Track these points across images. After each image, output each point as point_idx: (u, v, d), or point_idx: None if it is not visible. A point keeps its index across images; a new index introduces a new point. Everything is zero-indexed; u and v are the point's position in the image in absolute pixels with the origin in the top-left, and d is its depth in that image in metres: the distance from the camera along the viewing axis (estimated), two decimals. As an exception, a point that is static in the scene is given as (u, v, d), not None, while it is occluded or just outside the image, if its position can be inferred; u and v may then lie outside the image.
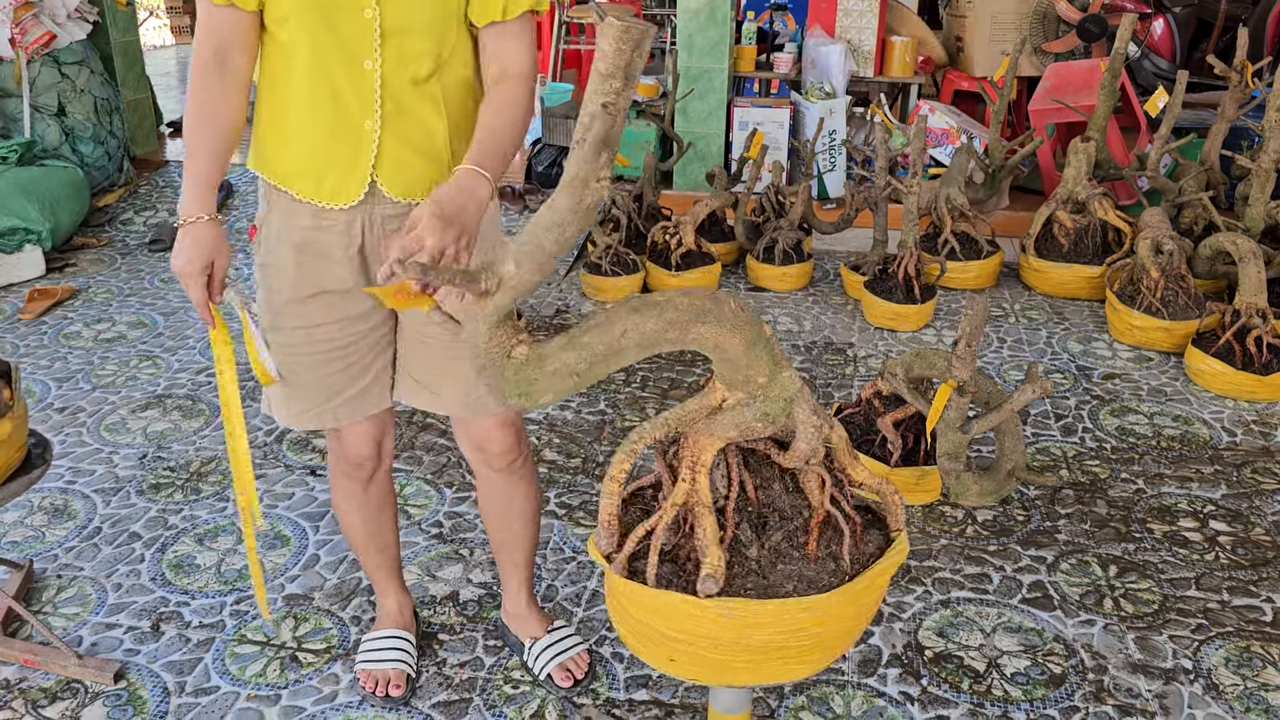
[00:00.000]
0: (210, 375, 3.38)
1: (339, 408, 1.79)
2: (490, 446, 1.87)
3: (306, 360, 1.74)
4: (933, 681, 2.09)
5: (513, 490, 1.95)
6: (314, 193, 1.63)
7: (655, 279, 4.10)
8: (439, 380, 1.79)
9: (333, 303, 1.70)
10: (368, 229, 1.66)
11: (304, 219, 1.66)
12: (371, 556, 2.06)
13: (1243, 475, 2.88)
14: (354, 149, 1.62)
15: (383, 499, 2.00)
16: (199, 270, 1.61)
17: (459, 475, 2.80)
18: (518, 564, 2.05)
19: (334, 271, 1.68)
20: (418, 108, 1.62)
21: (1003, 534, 2.58)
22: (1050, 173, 4.88)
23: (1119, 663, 2.16)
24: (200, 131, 1.59)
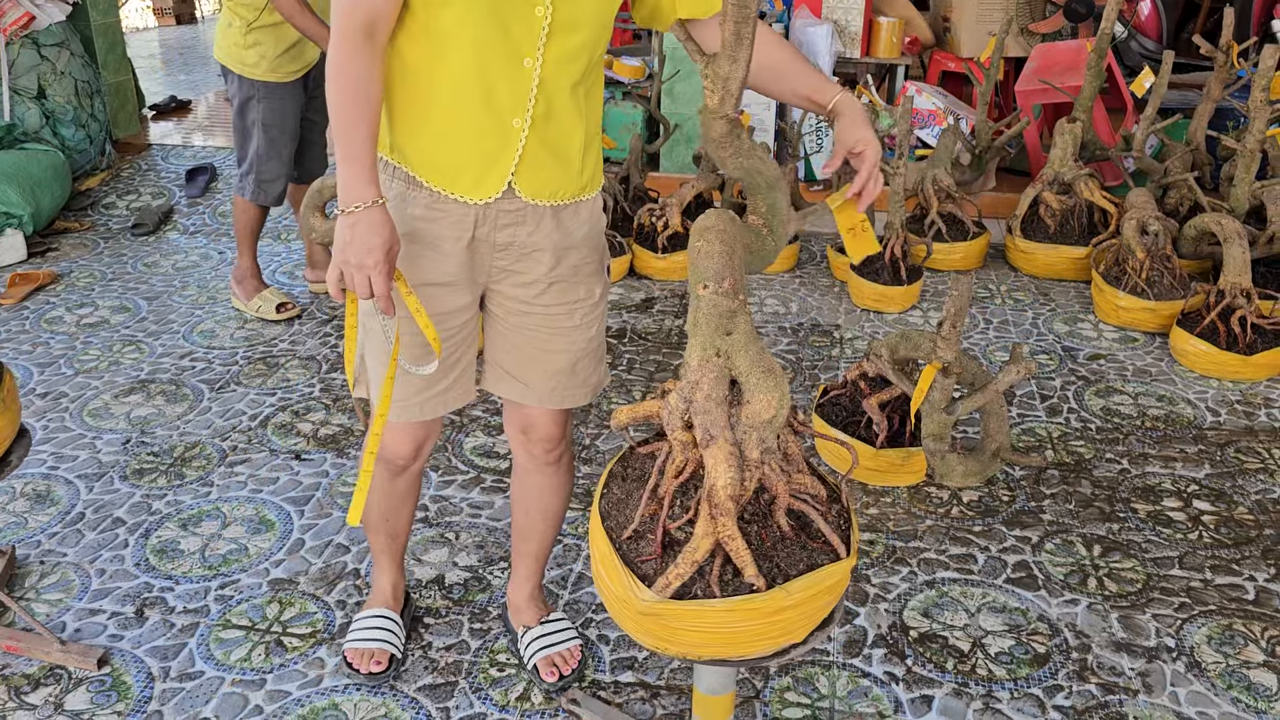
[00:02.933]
0: (194, 360, 3.36)
1: (426, 401, 1.77)
2: (536, 433, 1.86)
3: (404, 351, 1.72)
4: (918, 661, 2.10)
5: (545, 482, 1.94)
6: (451, 185, 1.59)
7: (642, 261, 4.09)
8: (530, 371, 1.78)
9: (433, 295, 1.66)
10: (481, 222, 1.63)
11: (417, 207, 1.61)
12: (380, 538, 2.05)
13: (1226, 455, 2.90)
14: (499, 147, 1.57)
15: (407, 492, 1.99)
16: (383, 260, 1.50)
17: (445, 459, 2.79)
18: (529, 554, 2.04)
19: (440, 263, 1.65)
20: (565, 111, 1.59)
21: (988, 514, 2.59)
22: (1037, 154, 4.88)
23: (1102, 641, 2.17)
24: (355, 108, 1.48)
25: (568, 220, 1.68)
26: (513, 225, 1.64)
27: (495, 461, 2.77)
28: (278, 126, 3.44)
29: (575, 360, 1.77)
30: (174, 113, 6.45)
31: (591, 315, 1.76)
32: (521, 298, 1.72)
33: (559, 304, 1.72)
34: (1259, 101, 3.66)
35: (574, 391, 1.80)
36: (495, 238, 1.65)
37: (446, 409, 1.80)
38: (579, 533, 2.48)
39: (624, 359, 3.41)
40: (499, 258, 1.68)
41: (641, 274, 4.13)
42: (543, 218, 1.65)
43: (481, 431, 2.91)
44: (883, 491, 2.68)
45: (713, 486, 1.28)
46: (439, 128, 1.58)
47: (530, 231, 1.65)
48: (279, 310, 3.61)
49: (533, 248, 1.67)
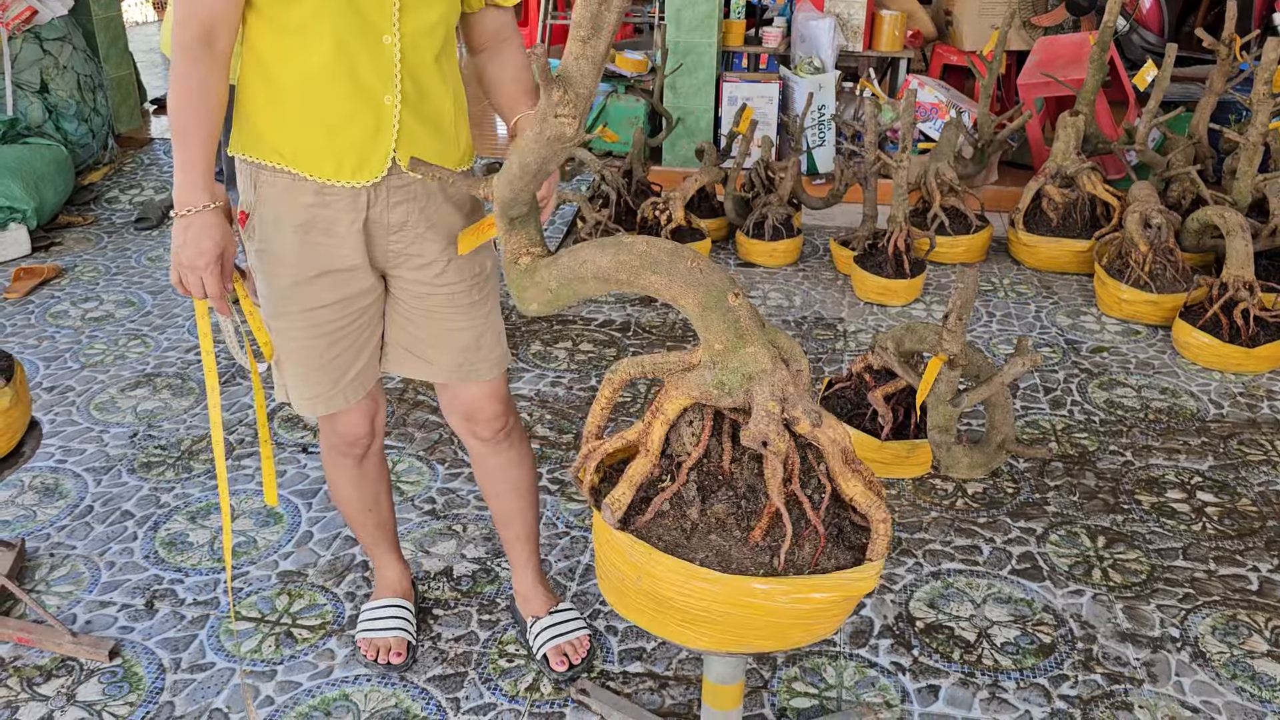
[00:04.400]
0: (199, 354, 3.36)
1: (346, 389, 1.79)
2: (478, 415, 1.88)
3: (312, 345, 1.73)
4: (924, 652, 2.11)
5: (503, 460, 1.95)
6: (332, 172, 1.60)
7: (645, 255, 4.09)
8: (434, 349, 1.81)
9: (337, 282, 1.69)
10: (373, 202, 1.65)
11: (306, 197, 1.62)
12: (369, 531, 2.06)
13: (1229, 447, 2.91)
14: (375, 127, 1.60)
15: (378, 473, 2.01)
16: (213, 261, 1.55)
17: (451, 452, 2.80)
18: (518, 539, 2.05)
19: (338, 249, 1.66)
20: (431, 84, 1.64)
21: (992, 506, 2.60)
22: (1039, 147, 4.88)
23: (1107, 632, 2.18)
24: (192, 115, 1.52)
25: (454, 193, 1.72)
26: (404, 203, 1.66)
27: (501, 454, 2.78)
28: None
29: (479, 334, 1.79)
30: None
31: (487, 288, 1.80)
32: (422, 280, 1.73)
33: (458, 280, 1.74)
34: (1261, 94, 3.67)
35: (480, 366, 1.82)
36: (388, 218, 1.66)
37: (365, 391, 1.83)
38: (585, 525, 2.50)
39: (628, 352, 3.42)
40: (394, 240, 1.69)
41: (645, 267, 4.13)
42: (431, 192, 1.68)
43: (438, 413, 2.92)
44: (888, 484, 2.69)
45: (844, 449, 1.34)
46: (313, 119, 1.57)
47: (421, 208, 1.68)
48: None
49: (426, 226, 1.69)
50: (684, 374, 1.35)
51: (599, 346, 3.46)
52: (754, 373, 1.29)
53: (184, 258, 1.54)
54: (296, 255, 1.65)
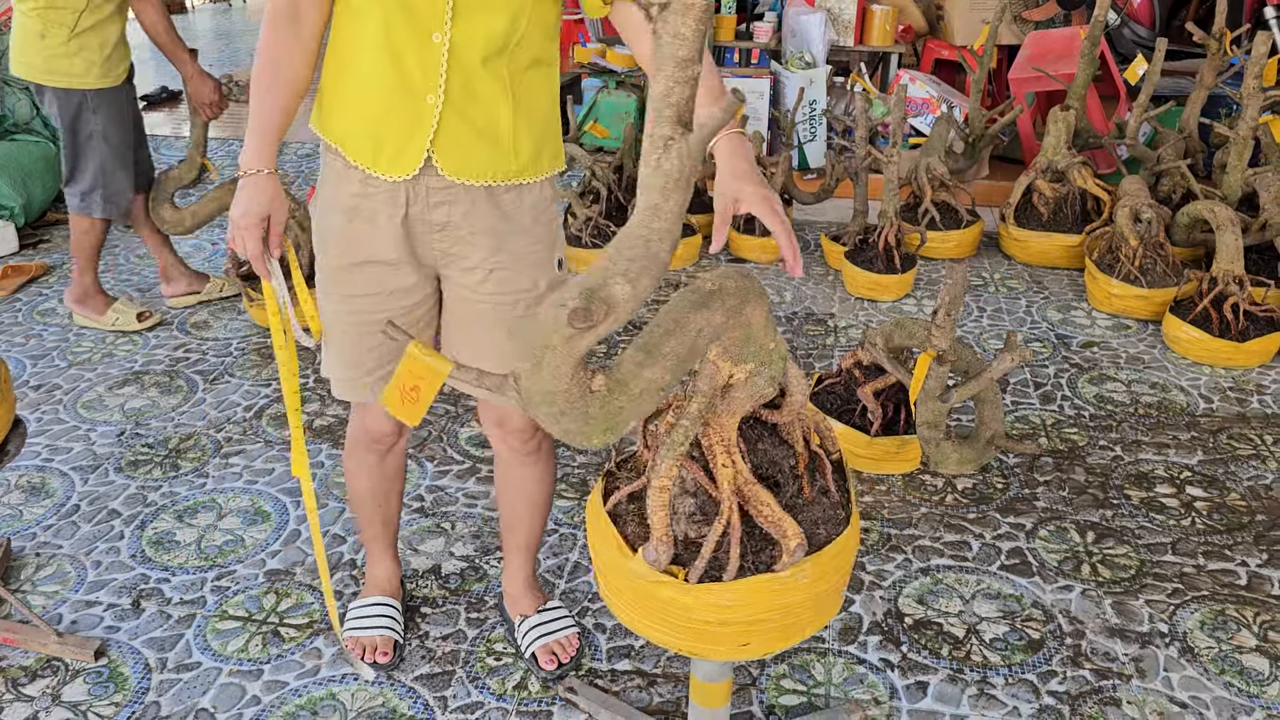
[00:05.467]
0: (188, 352, 3.35)
1: (376, 381, 1.78)
2: (510, 424, 1.86)
3: (349, 330, 1.74)
4: (912, 648, 2.11)
5: (526, 473, 1.94)
6: (370, 161, 1.61)
7: (636, 251, 4.08)
8: (477, 358, 1.77)
9: (378, 274, 1.68)
10: (413, 200, 1.64)
11: (353, 184, 1.63)
12: (374, 526, 2.06)
13: (1219, 441, 2.91)
14: (413, 123, 1.58)
15: (396, 471, 2.01)
16: (255, 223, 1.63)
17: (441, 449, 2.79)
18: (519, 546, 2.05)
19: (379, 240, 1.65)
20: (483, 88, 1.58)
21: (982, 502, 2.60)
22: (1030, 142, 4.88)
23: (1096, 627, 2.18)
24: (265, 84, 1.60)
25: (507, 204, 1.66)
26: (445, 204, 1.64)
27: (490, 451, 2.77)
28: (119, 134, 3.25)
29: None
30: (165, 103, 6.42)
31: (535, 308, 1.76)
32: (467, 284, 1.72)
33: (503, 293, 1.71)
34: (1252, 88, 3.67)
35: None
36: (430, 217, 1.65)
37: None
38: (574, 522, 2.49)
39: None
40: (438, 239, 1.67)
41: (635, 263, 4.12)
42: (476, 199, 1.64)
43: (477, 422, 2.91)
44: (878, 479, 2.68)
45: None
46: (359, 104, 1.60)
47: (465, 212, 1.64)
48: (140, 319, 3.46)
49: (469, 230, 1.66)
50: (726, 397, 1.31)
51: (589, 343, 3.45)
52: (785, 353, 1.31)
53: (235, 214, 1.63)
54: (341, 240, 1.67)
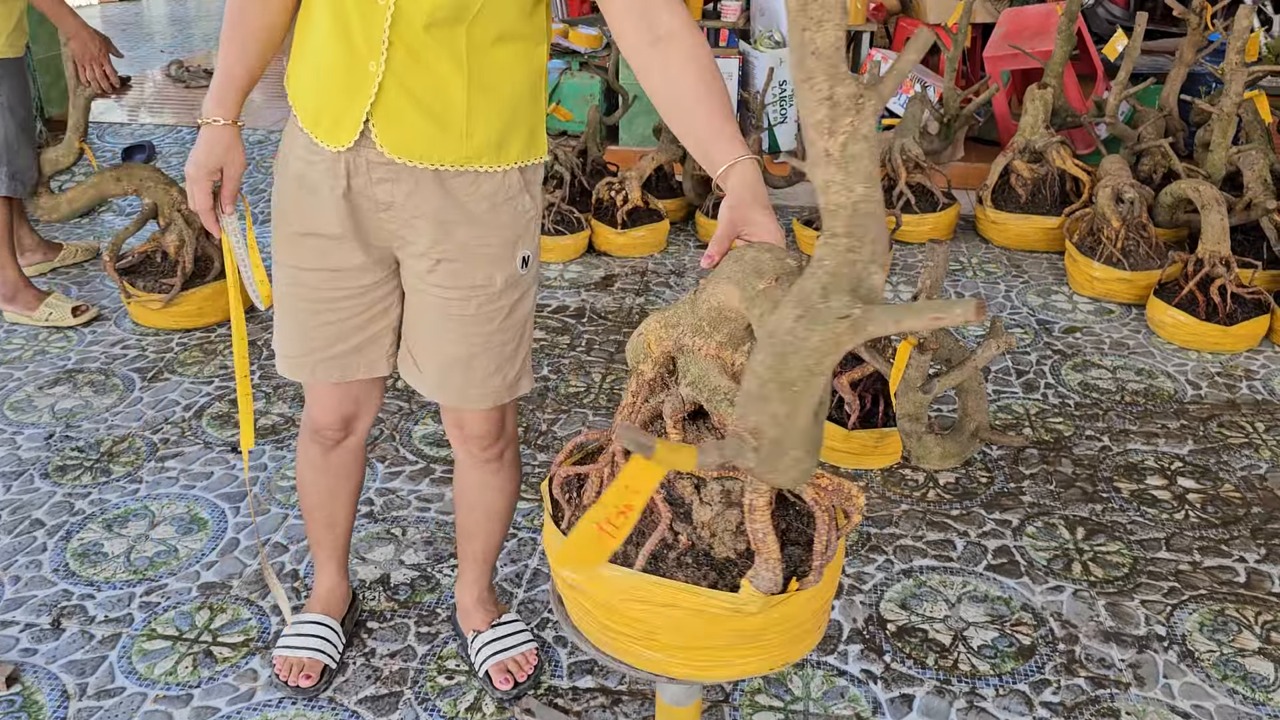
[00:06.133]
0: (126, 348, 3.16)
1: (318, 364, 1.64)
2: (469, 429, 1.71)
3: (297, 305, 1.62)
4: (896, 658, 1.97)
5: (486, 481, 1.79)
6: (312, 126, 1.50)
7: (601, 237, 3.93)
8: (422, 354, 1.63)
9: (322, 249, 1.55)
10: (354, 173, 1.50)
11: (300, 148, 1.53)
12: (318, 528, 1.90)
13: (1209, 430, 2.79)
14: (353, 90, 1.44)
15: (344, 470, 1.84)
16: (205, 174, 1.56)
17: (392, 449, 2.62)
18: (475, 556, 1.89)
19: (321, 212, 1.53)
20: (431, 59, 1.42)
21: (966, 497, 2.47)
22: (1006, 122, 4.75)
23: (1090, 631, 2.05)
24: (229, 31, 1.54)
25: (459, 191, 1.50)
26: (388, 182, 1.49)
27: (446, 450, 2.61)
28: (23, 106, 3.14)
29: (471, 355, 1.59)
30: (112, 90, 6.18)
31: (491, 308, 1.57)
32: (416, 271, 1.57)
33: (452, 287, 1.55)
34: (1234, 63, 3.55)
35: (469, 391, 1.62)
36: (374, 194, 1.51)
37: (346, 376, 1.66)
38: (535, 525, 2.33)
39: (582, 339, 3.25)
40: (385, 219, 1.53)
41: (601, 250, 3.97)
42: (421, 181, 1.49)
43: (431, 419, 2.75)
44: (856, 475, 2.54)
45: None
46: (312, 64, 1.49)
47: (408, 193, 1.50)
48: (75, 314, 3.28)
49: (412, 213, 1.51)
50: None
51: (551, 334, 3.29)
52: None
53: (187, 164, 1.57)
54: (290, 207, 1.56)
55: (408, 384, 1.68)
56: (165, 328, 3.25)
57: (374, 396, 1.75)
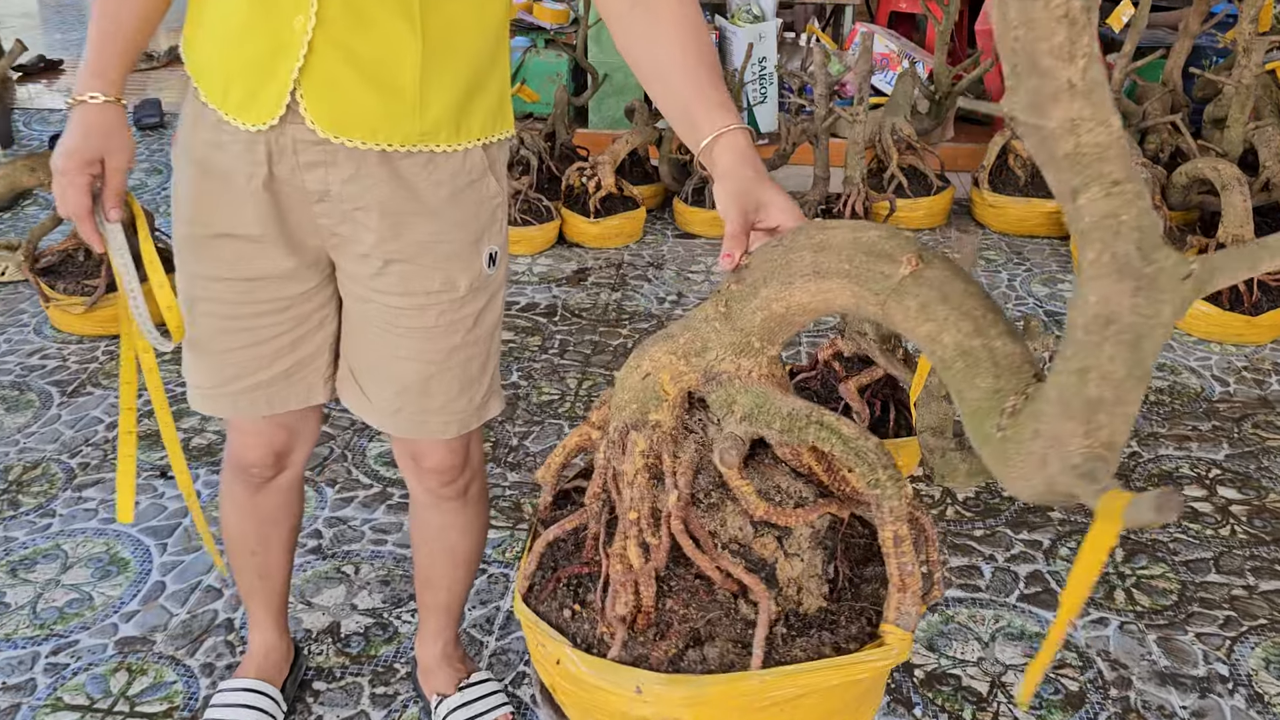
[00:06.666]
0: (45, 358, 2.83)
1: (239, 395, 1.34)
2: (427, 461, 1.42)
3: (204, 323, 1.31)
4: (927, 711, 1.71)
5: (447, 521, 1.50)
6: (222, 101, 1.20)
7: (572, 227, 3.63)
8: (369, 378, 1.34)
9: (238, 253, 1.25)
10: (277, 158, 1.19)
11: (205, 129, 1.23)
12: (247, 576, 1.60)
13: (1244, 431, 2.55)
14: (273, 53, 1.15)
15: (277, 513, 1.54)
16: (80, 167, 1.24)
17: (343, 470, 2.32)
18: (437, 607, 1.60)
19: (236, 207, 1.22)
20: (376, 10, 1.13)
21: (988, 515, 2.21)
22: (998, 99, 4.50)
23: (1144, 672, 1.80)
24: None
25: (411, 175, 1.22)
26: (321, 166, 1.20)
27: (405, 471, 2.31)
28: None
29: (428, 376, 1.30)
30: (42, 74, 5.80)
31: (454, 317, 1.28)
32: (358, 276, 1.28)
33: (404, 294, 1.27)
34: (1248, 33, 3.32)
35: (426, 419, 1.33)
36: (304, 181, 1.21)
37: (273, 407, 1.35)
38: (507, 559, 2.05)
39: (555, 340, 2.97)
40: (320, 213, 1.23)
41: (572, 241, 3.67)
42: (364, 164, 1.20)
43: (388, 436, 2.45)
44: (865, 491, 2.28)
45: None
46: (218, 22, 1.19)
47: (348, 180, 1.20)
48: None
49: (354, 205, 1.22)
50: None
51: (521, 335, 3.00)
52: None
53: (55, 156, 1.24)
54: (193, 201, 1.26)
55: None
56: (89, 334, 2.92)
57: (310, 424, 1.46)
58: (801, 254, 0.82)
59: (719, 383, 0.87)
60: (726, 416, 0.86)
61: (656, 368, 0.87)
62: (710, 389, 0.87)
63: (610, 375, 2.76)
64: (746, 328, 0.84)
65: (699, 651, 0.86)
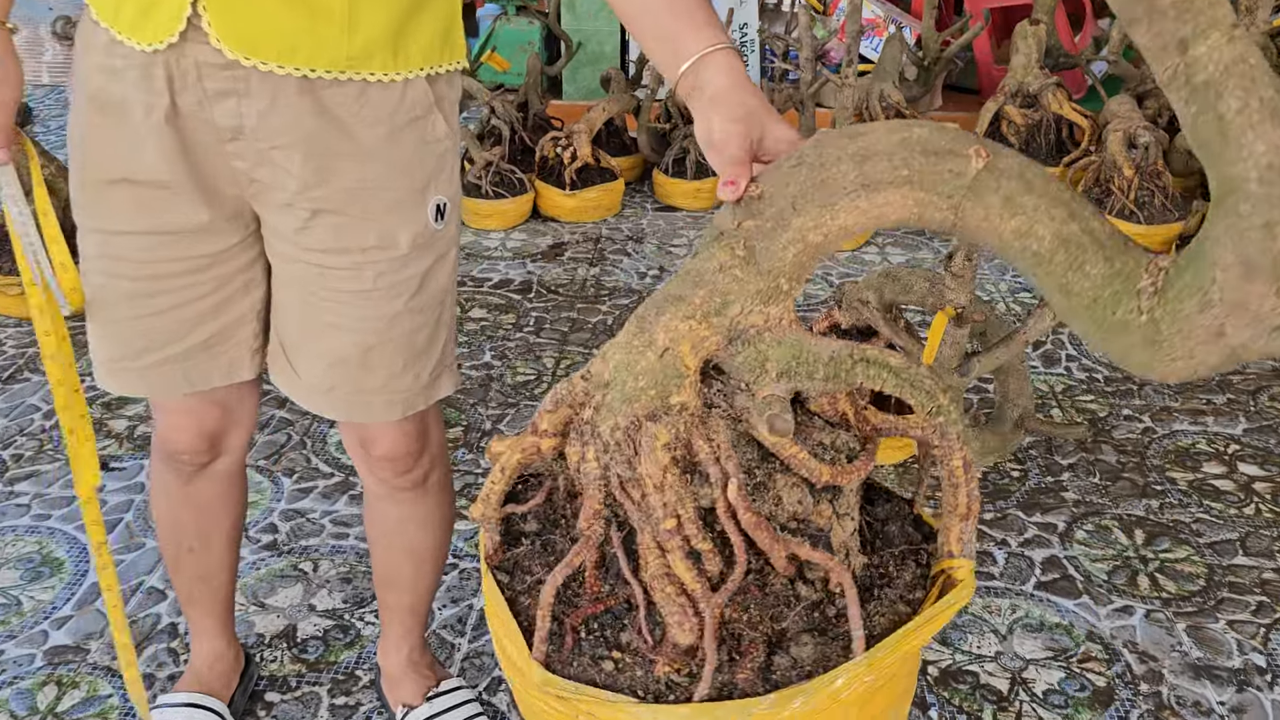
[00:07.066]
0: (-20, 341, 2.63)
1: (150, 370, 1.16)
2: (375, 448, 1.24)
3: (108, 285, 1.12)
4: (944, 711, 1.56)
5: (405, 514, 1.33)
6: (112, 16, 1.03)
7: (547, 201, 3.46)
8: (299, 352, 1.16)
9: (142, 202, 1.07)
10: (179, 86, 1.01)
11: (97, 53, 1.05)
12: (185, 579, 1.42)
13: (1260, 404, 2.42)
14: None
15: (215, 504, 1.37)
16: None
17: (302, 459, 2.14)
18: (400, 609, 1.44)
19: (137, 148, 1.04)
20: None
21: (998, 496, 2.06)
22: (987, 67, 4.36)
23: (1175, 665, 1.65)
24: None
25: (340, 109, 1.04)
26: (232, 96, 1.02)
27: (369, 459, 2.14)
28: None
29: (366, 348, 1.13)
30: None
31: (395, 279, 1.11)
32: (282, 232, 1.10)
33: (336, 250, 1.09)
34: (1252, -10, 3.17)
35: (367, 399, 1.16)
36: (212, 115, 1.03)
37: (193, 384, 1.18)
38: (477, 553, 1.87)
39: (530, 318, 2.79)
40: (235, 154, 1.06)
41: (547, 215, 3.49)
42: (282, 93, 1.02)
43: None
44: (865, 473, 2.12)
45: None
46: None
47: (263, 112, 1.03)
48: None
49: (272, 142, 1.04)
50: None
51: (494, 313, 2.82)
52: None
53: None
54: (89, 143, 1.09)
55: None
56: (27, 317, 2.71)
57: (247, 403, 1.28)
58: (840, 168, 0.66)
59: (745, 341, 0.71)
60: (759, 378, 0.70)
61: (675, 339, 0.71)
62: (735, 350, 0.71)
63: (589, 353, 2.59)
64: (776, 268, 0.69)
65: (786, 656, 0.70)
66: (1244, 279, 0.57)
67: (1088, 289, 0.62)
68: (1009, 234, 0.63)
